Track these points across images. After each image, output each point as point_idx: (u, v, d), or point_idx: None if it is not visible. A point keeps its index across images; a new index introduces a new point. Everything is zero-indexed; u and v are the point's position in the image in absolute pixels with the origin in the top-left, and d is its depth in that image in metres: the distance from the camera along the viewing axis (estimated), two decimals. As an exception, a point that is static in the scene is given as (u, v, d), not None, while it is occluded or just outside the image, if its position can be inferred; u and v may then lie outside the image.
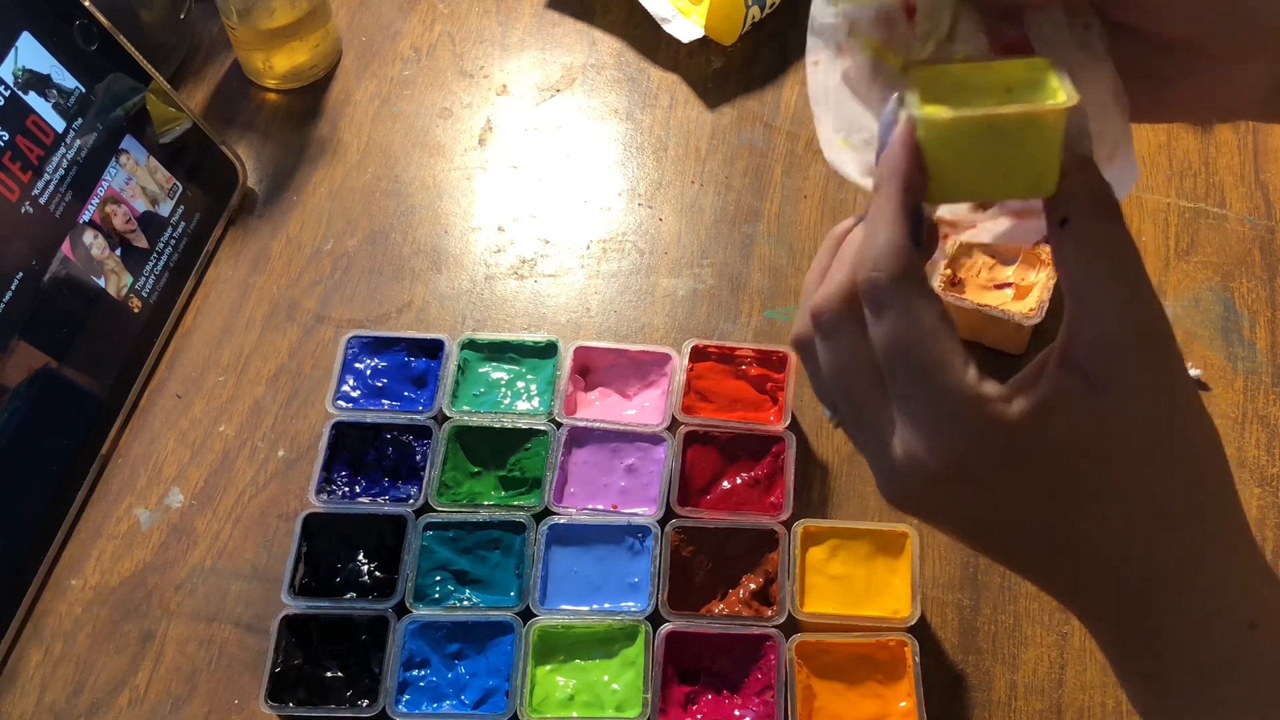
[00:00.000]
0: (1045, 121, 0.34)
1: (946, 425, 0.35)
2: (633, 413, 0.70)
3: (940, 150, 0.35)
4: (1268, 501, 0.67)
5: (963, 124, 0.34)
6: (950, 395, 0.35)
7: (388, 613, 0.63)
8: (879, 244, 0.35)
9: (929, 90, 0.35)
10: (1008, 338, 0.71)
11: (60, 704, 0.64)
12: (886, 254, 0.35)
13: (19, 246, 0.67)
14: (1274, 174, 0.80)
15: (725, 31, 0.86)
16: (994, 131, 0.34)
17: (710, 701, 0.62)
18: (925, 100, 0.35)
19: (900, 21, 0.38)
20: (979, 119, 0.34)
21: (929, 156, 0.35)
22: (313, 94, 0.87)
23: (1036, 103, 0.34)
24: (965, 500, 0.36)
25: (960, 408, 0.35)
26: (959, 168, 0.36)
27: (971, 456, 0.35)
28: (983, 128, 0.34)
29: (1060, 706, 0.62)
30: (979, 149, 0.35)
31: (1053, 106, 0.34)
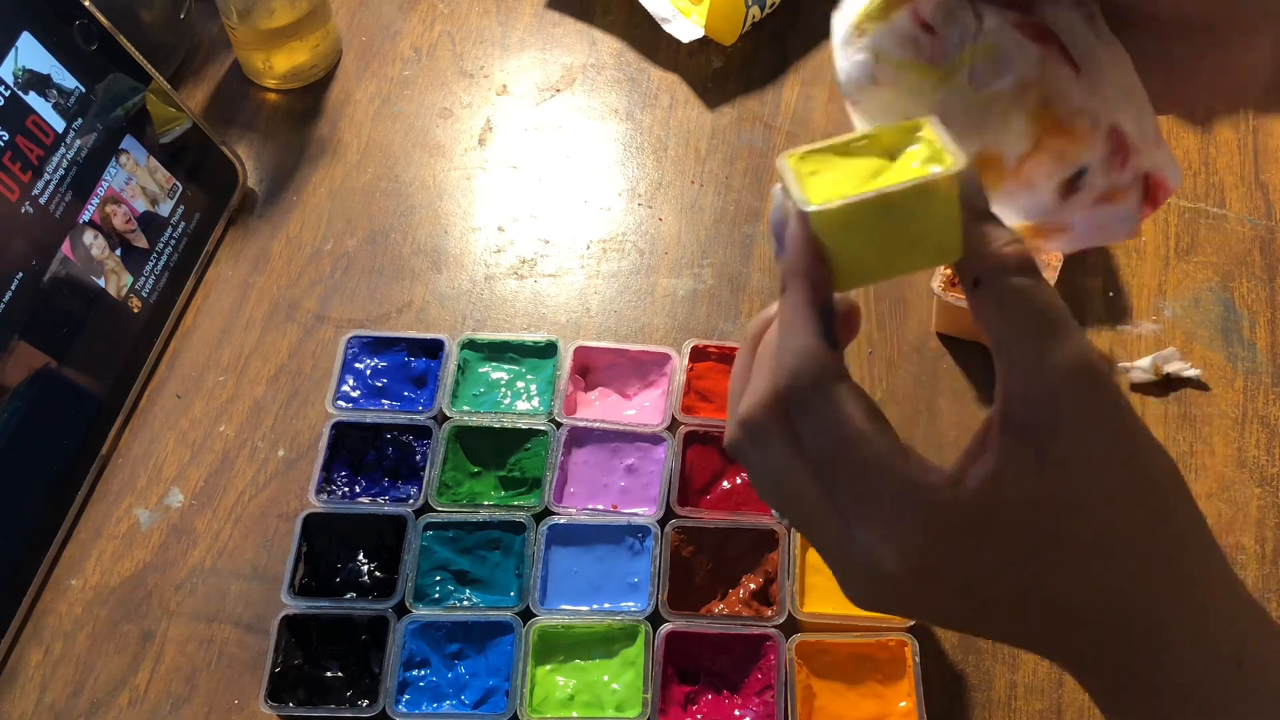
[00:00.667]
0: (938, 189, 0.33)
1: (899, 525, 0.34)
2: (633, 413, 0.70)
3: (839, 239, 0.34)
4: (1267, 501, 0.67)
5: (855, 209, 0.33)
6: (896, 493, 0.34)
7: (388, 613, 0.63)
8: (793, 350, 0.34)
9: (812, 178, 0.34)
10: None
11: (60, 704, 0.64)
12: (803, 359, 0.34)
13: (19, 246, 0.67)
14: (1274, 174, 0.80)
15: (725, 31, 0.86)
16: (888, 209, 0.33)
17: (710, 701, 0.62)
18: (810, 192, 0.34)
19: (922, 35, 0.38)
20: (871, 201, 0.33)
21: (829, 248, 0.34)
22: (313, 94, 0.87)
23: (923, 171, 0.33)
24: (933, 592, 0.35)
25: (909, 503, 0.34)
26: (861, 252, 0.35)
27: (930, 550, 0.34)
28: (877, 208, 0.33)
29: (1060, 706, 0.62)
30: (878, 229, 0.34)
31: (943, 174, 0.33)
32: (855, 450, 0.34)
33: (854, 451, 0.34)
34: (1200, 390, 0.71)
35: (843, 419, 0.34)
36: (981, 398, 0.71)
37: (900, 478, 0.34)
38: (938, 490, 0.34)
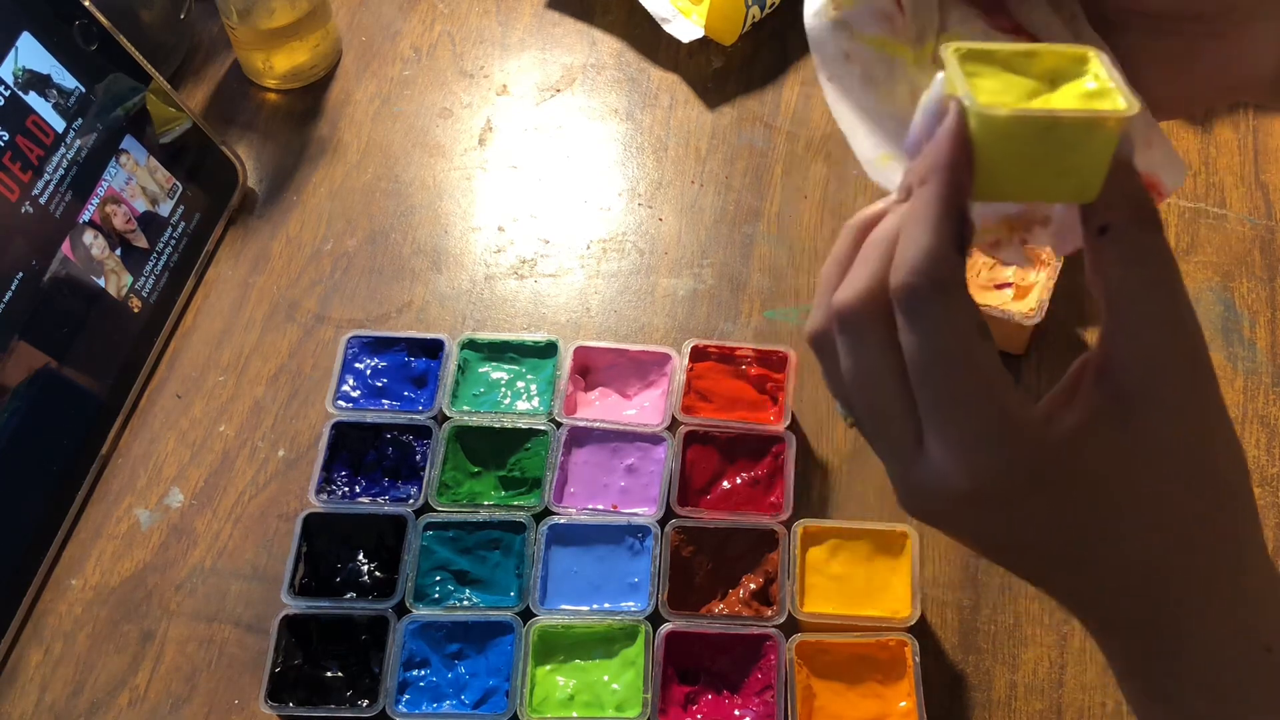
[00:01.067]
0: (1106, 127, 0.32)
1: (985, 449, 0.33)
2: (633, 413, 0.70)
3: (995, 148, 0.32)
4: (1267, 501, 0.67)
5: (1023, 122, 0.32)
6: (990, 419, 0.33)
7: (388, 613, 0.63)
8: (920, 247, 0.33)
9: (974, 79, 0.33)
10: (1008, 338, 0.71)
11: (60, 704, 0.64)
12: (928, 259, 0.33)
13: (19, 246, 0.67)
14: (1274, 174, 0.80)
15: (725, 31, 0.86)
16: (1052, 133, 0.32)
17: (710, 701, 0.62)
18: (978, 92, 0.32)
19: (896, 14, 0.37)
20: (1041, 120, 0.32)
21: (980, 153, 0.33)
22: (313, 94, 0.87)
23: (1095, 105, 0.32)
24: (990, 520, 0.35)
25: (1000, 432, 0.33)
26: (1007, 167, 0.33)
27: (1005, 481, 0.34)
28: (1042, 129, 0.32)
29: (1060, 706, 0.62)
30: (1035, 149, 0.32)
31: (1116, 114, 0.32)
32: (962, 363, 0.33)
33: (958, 366, 0.33)
34: (1200, 390, 0.71)
35: (958, 328, 0.33)
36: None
37: (998, 404, 0.33)
38: (1027, 427, 0.34)
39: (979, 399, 0.33)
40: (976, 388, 0.33)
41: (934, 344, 0.33)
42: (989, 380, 0.33)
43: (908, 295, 0.33)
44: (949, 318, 0.33)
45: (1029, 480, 0.34)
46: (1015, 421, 0.33)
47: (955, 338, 0.33)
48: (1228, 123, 0.82)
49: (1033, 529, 0.35)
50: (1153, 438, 0.34)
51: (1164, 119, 0.39)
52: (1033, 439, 0.34)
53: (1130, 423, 0.34)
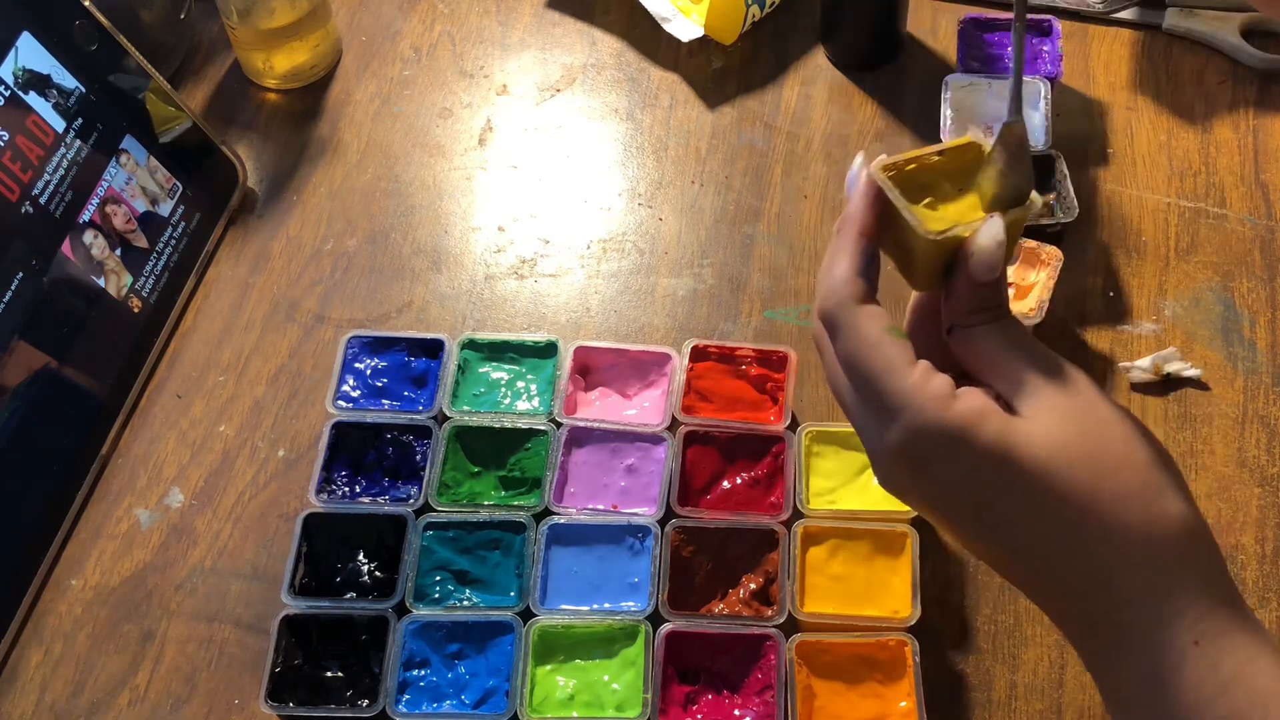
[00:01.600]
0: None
1: (897, 418, 0.42)
2: (633, 413, 0.70)
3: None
4: (1268, 501, 0.67)
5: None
6: (897, 393, 0.42)
7: (388, 613, 0.63)
8: (831, 275, 0.44)
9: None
10: (1008, 338, 0.71)
11: (60, 704, 0.64)
12: (836, 283, 0.43)
13: (19, 246, 0.67)
14: (1274, 174, 0.80)
15: (725, 31, 0.86)
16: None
17: (710, 701, 0.62)
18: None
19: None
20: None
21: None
22: (313, 94, 0.87)
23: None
24: (924, 483, 0.43)
25: (905, 403, 0.41)
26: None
27: (918, 444, 0.41)
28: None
29: (1060, 706, 0.62)
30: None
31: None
32: (869, 357, 0.42)
33: (867, 358, 0.42)
34: (1200, 390, 0.71)
35: (861, 332, 0.43)
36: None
37: (902, 381, 0.42)
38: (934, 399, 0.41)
39: (886, 381, 0.42)
40: (884, 372, 0.42)
41: (847, 345, 0.43)
42: (893, 365, 0.42)
43: (822, 314, 0.44)
44: (855, 324, 0.43)
45: (938, 445, 0.41)
46: (917, 394, 0.41)
47: (862, 338, 0.43)
48: (1228, 122, 0.82)
49: (955, 494, 0.42)
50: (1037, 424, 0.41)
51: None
52: (934, 408, 0.41)
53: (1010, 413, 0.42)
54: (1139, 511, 0.40)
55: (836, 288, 0.43)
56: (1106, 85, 0.84)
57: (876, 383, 0.42)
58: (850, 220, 0.44)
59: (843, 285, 0.43)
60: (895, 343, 0.42)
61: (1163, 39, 0.86)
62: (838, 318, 0.43)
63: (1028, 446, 0.40)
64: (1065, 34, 0.86)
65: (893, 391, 0.42)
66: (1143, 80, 0.84)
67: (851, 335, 0.43)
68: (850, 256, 0.44)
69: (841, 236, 0.44)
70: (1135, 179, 0.80)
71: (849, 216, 0.44)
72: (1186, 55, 0.85)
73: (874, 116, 0.84)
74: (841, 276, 0.43)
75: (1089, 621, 0.41)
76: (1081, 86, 0.84)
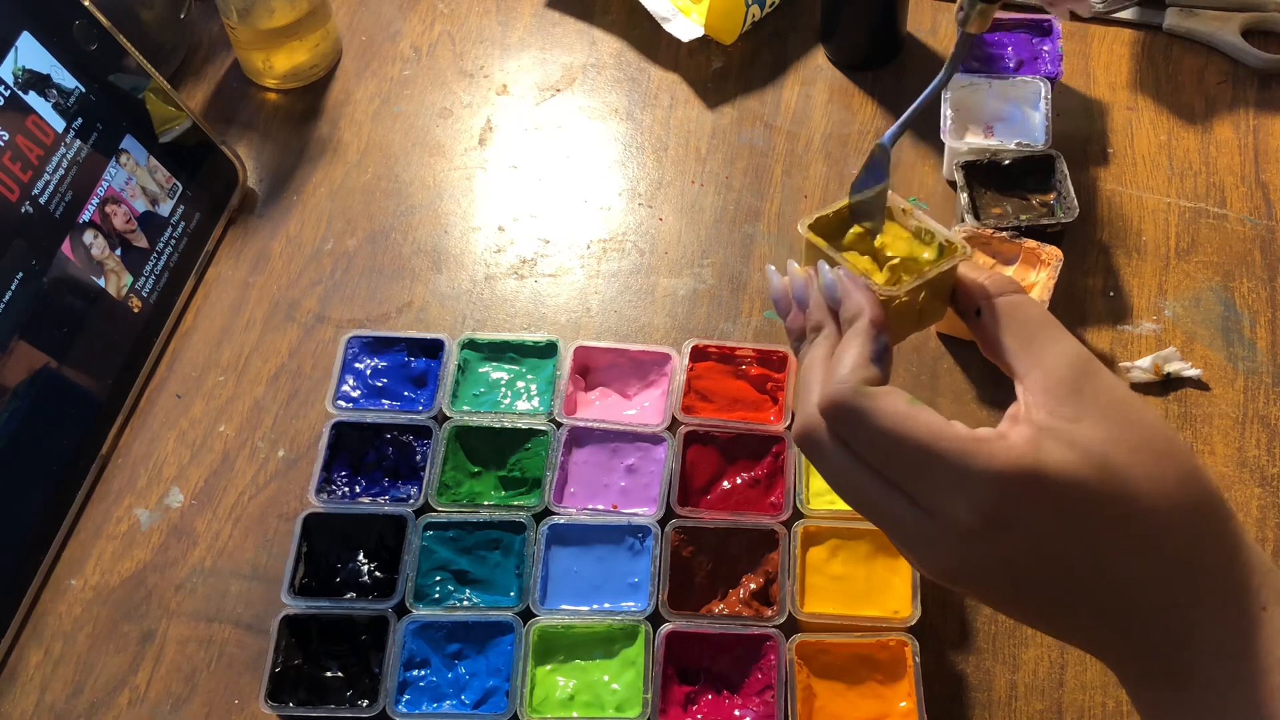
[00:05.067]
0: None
1: (968, 477, 0.38)
2: (633, 413, 0.70)
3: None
4: (1268, 501, 0.67)
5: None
6: (957, 452, 0.38)
7: (388, 613, 0.63)
8: (843, 364, 0.41)
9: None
10: (1008, 338, 0.71)
11: (60, 704, 0.64)
12: (848, 372, 0.41)
13: (19, 246, 0.67)
14: (1274, 174, 0.80)
15: (725, 30, 0.86)
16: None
17: (710, 701, 0.62)
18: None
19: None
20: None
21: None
22: (313, 94, 0.87)
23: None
24: (1005, 544, 0.38)
25: (971, 457, 0.38)
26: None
27: (1000, 496, 0.38)
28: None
29: (1060, 706, 0.62)
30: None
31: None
32: (903, 431, 0.39)
33: (902, 433, 0.39)
34: (1201, 390, 0.71)
35: (889, 410, 0.39)
36: (981, 397, 0.71)
37: (956, 436, 0.38)
38: (990, 441, 0.38)
39: (938, 444, 0.38)
40: (931, 438, 0.38)
41: (879, 427, 0.39)
42: (938, 427, 0.38)
43: (830, 404, 0.40)
44: (879, 405, 0.39)
45: (1018, 488, 0.38)
46: (980, 440, 0.38)
47: (892, 415, 0.39)
48: (1228, 122, 0.82)
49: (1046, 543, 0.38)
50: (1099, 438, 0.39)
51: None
52: (999, 450, 0.38)
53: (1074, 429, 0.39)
54: (1184, 495, 0.39)
55: (846, 376, 0.40)
56: (1106, 85, 0.84)
57: (931, 448, 0.38)
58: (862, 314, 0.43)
59: (854, 372, 0.40)
60: (924, 408, 0.39)
61: (1163, 39, 0.86)
62: (853, 403, 0.40)
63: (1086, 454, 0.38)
64: (1065, 34, 0.86)
65: (953, 451, 0.38)
66: (1143, 80, 0.84)
67: (879, 416, 0.39)
68: (861, 345, 0.42)
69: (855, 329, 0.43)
70: (1135, 179, 0.80)
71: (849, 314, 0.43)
72: (1186, 55, 0.85)
73: (874, 116, 0.84)
74: (853, 363, 0.41)
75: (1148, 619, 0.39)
76: (1081, 86, 0.84)
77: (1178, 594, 0.39)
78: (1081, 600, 0.39)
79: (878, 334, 0.42)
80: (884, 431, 0.39)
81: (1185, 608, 0.39)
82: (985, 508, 0.38)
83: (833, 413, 0.40)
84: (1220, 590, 0.39)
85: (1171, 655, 0.39)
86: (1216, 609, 0.39)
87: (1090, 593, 0.39)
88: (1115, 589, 0.39)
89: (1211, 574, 0.39)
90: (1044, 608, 0.40)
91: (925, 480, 0.39)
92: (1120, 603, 0.39)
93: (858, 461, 0.40)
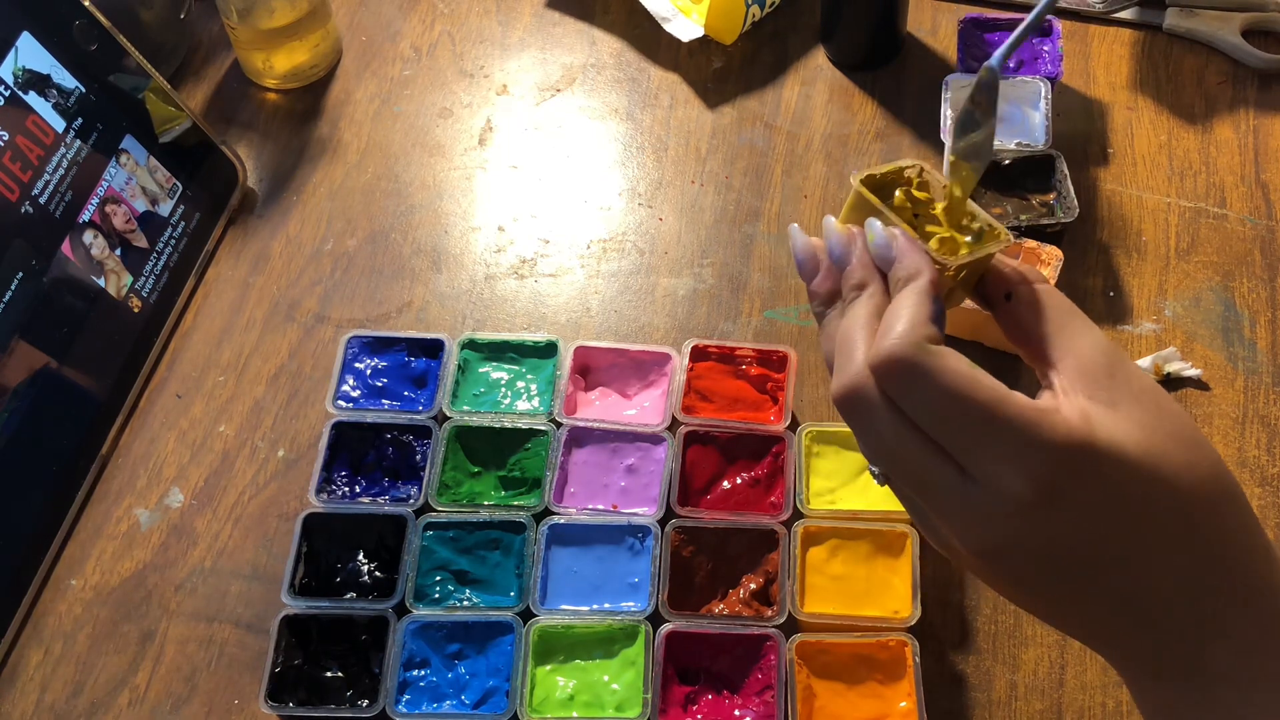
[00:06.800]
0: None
1: (1028, 448, 0.37)
2: (633, 413, 0.70)
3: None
4: (1268, 501, 0.67)
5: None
6: (1020, 421, 0.37)
7: (388, 613, 0.63)
8: (901, 321, 0.39)
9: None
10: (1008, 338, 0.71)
11: (60, 704, 0.64)
12: (909, 328, 0.38)
13: (19, 246, 0.67)
14: (1274, 174, 0.80)
15: (725, 30, 0.86)
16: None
17: (710, 701, 0.62)
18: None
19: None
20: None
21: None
22: (313, 94, 0.87)
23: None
24: (1058, 521, 0.37)
25: (1034, 427, 0.37)
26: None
27: (1057, 467, 0.37)
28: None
29: (1060, 706, 0.62)
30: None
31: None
32: (969, 393, 0.37)
33: (968, 395, 0.37)
34: (1201, 390, 0.71)
35: (949, 371, 0.37)
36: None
37: (1022, 404, 0.37)
38: (1054, 412, 0.37)
39: (1001, 411, 0.37)
40: (993, 404, 0.37)
41: (934, 392, 0.37)
42: (1002, 393, 0.37)
43: (889, 362, 0.38)
44: (943, 365, 0.38)
45: (1075, 462, 0.37)
46: (1044, 411, 0.37)
47: (952, 377, 0.37)
48: (1228, 122, 0.82)
49: (1097, 519, 0.38)
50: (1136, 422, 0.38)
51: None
52: (1059, 422, 0.37)
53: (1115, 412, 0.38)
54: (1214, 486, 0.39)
55: (907, 331, 0.38)
56: (1106, 85, 0.84)
57: (997, 414, 0.37)
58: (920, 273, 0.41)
59: (915, 329, 0.38)
60: (986, 374, 0.38)
61: (1163, 39, 0.86)
62: (916, 360, 0.37)
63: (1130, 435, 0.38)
64: (1065, 34, 0.86)
65: (1019, 419, 0.37)
66: (1143, 80, 0.84)
67: (944, 375, 0.37)
68: (921, 303, 0.39)
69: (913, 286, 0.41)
70: (1135, 179, 0.80)
71: (907, 272, 0.41)
72: (1186, 55, 0.85)
73: (874, 116, 0.84)
74: (914, 320, 0.39)
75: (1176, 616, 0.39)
76: (1081, 86, 0.84)
77: (1204, 585, 0.38)
78: (1108, 586, 0.39)
79: (937, 295, 0.40)
80: (947, 391, 0.37)
81: (1210, 600, 0.38)
82: (1042, 480, 0.37)
83: (890, 368, 0.38)
84: (1244, 584, 0.39)
85: (1191, 649, 0.39)
86: (1241, 603, 0.38)
87: (1120, 578, 0.38)
88: (1146, 576, 0.38)
89: (1237, 567, 0.39)
90: (1065, 594, 0.39)
91: (983, 448, 0.37)
92: (1146, 591, 0.39)
93: (906, 424, 0.38)
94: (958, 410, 0.37)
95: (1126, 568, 0.38)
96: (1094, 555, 0.38)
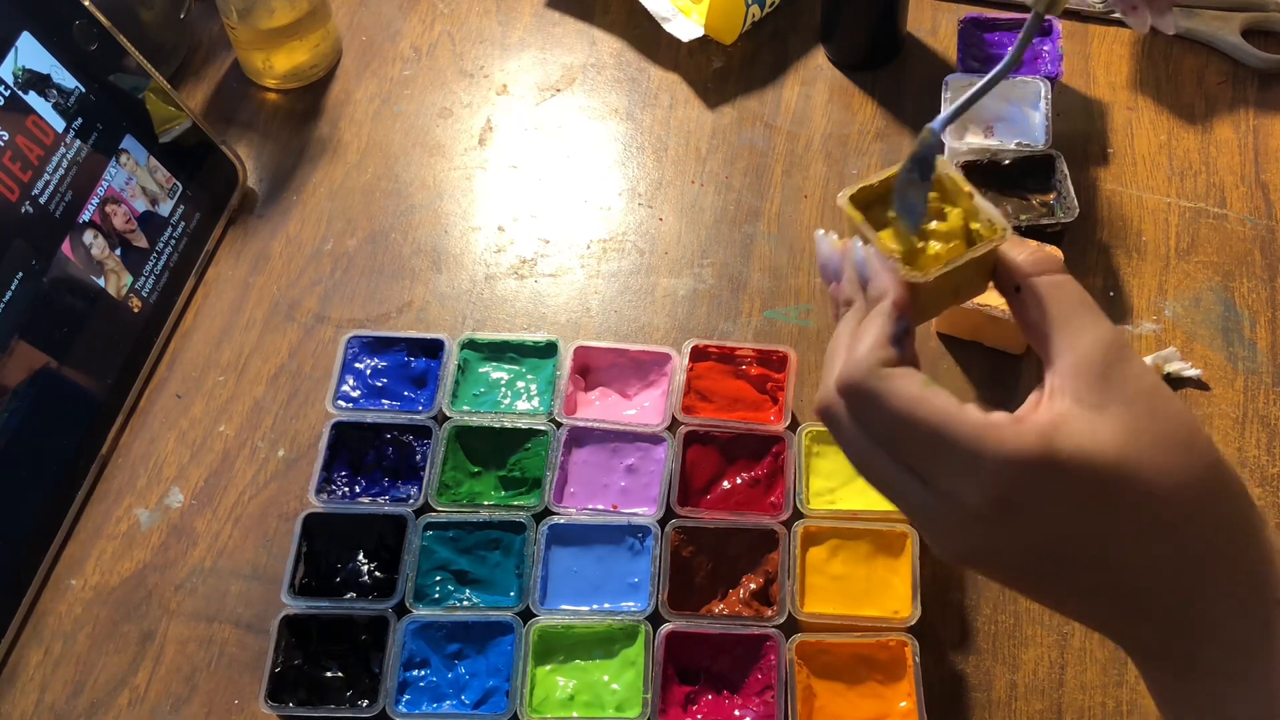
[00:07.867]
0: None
1: (978, 460, 0.38)
2: (633, 413, 0.70)
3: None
4: (1268, 501, 0.67)
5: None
6: (967, 435, 0.38)
7: (388, 613, 0.63)
8: (860, 345, 0.40)
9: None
10: (1008, 338, 0.71)
11: (60, 704, 0.64)
12: (865, 352, 0.40)
13: (19, 246, 0.67)
14: (1274, 174, 0.80)
15: (725, 30, 0.86)
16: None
17: (710, 702, 0.62)
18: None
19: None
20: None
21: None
22: (313, 94, 0.87)
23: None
24: (1016, 528, 0.38)
25: (981, 440, 0.38)
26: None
27: (1008, 479, 0.37)
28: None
29: (1060, 706, 0.62)
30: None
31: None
32: (915, 415, 0.38)
33: (914, 417, 0.38)
34: (1201, 390, 0.71)
35: (900, 392, 0.39)
36: (981, 397, 0.71)
37: (968, 421, 0.38)
38: (1004, 427, 0.38)
39: (948, 427, 0.38)
40: (941, 421, 0.38)
41: (890, 409, 0.39)
42: (949, 410, 0.38)
43: (844, 384, 0.40)
44: (891, 387, 0.39)
45: (1027, 473, 0.37)
46: (991, 424, 0.38)
47: (903, 397, 0.39)
48: (1228, 122, 0.82)
49: (1056, 524, 0.38)
50: (1123, 427, 0.38)
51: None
52: (1011, 435, 0.38)
53: (1097, 417, 0.38)
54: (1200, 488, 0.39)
55: (863, 356, 0.40)
56: (1106, 85, 0.84)
57: (942, 433, 0.38)
58: (878, 295, 0.42)
59: (870, 352, 0.40)
60: (939, 392, 0.39)
61: (1163, 39, 0.86)
62: (867, 385, 0.39)
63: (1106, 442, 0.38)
64: (1065, 34, 0.86)
65: (963, 436, 0.38)
66: (1143, 80, 0.84)
67: (891, 399, 0.39)
68: (880, 326, 0.41)
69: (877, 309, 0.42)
70: (1135, 179, 0.80)
71: (876, 294, 0.42)
72: (1186, 55, 0.85)
73: (874, 116, 0.84)
74: (871, 344, 0.40)
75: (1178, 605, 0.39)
76: (1081, 86, 0.84)
77: (1189, 583, 0.39)
78: (1094, 584, 0.39)
79: (899, 316, 0.41)
80: (895, 413, 0.39)
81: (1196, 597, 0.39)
82: (994, 492, 0.38)
83: (847, 392, 0.40)
84: (1233, 582, 0.39)
85: (1181, 643, 0.39)
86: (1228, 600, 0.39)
87: (1103, 577, 0.39)
88: (1127, 575, 0.39)
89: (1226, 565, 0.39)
90: (1057, 590, 0.41)
91: (935, 464, 0.39)
92: (1132, 589, 0.39)
93: (873, 441, 0.40)
94: (906, 431, 0.39)
95: (1106, 568, 0.39)
96: (1069, 555, 0.39)
